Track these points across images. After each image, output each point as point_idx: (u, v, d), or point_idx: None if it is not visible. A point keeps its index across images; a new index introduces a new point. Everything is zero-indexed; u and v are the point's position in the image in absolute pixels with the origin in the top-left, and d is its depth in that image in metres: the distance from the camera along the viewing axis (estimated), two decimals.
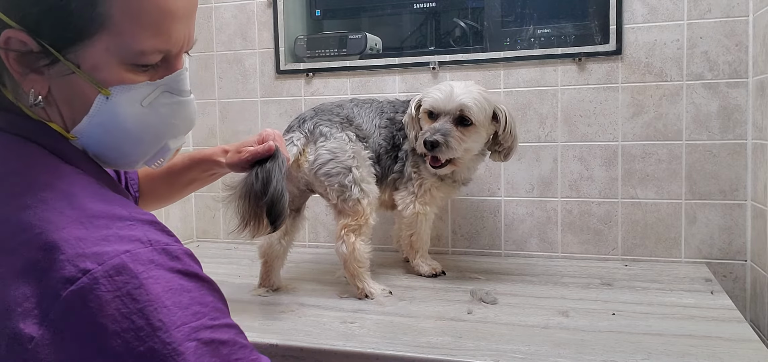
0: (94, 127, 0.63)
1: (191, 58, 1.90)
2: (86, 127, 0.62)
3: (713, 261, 1.42)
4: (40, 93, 0.60)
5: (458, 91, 1.19)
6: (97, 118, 0.62)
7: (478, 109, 1.19)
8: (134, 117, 0.63)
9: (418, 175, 1.29)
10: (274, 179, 0.93)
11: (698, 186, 1.42)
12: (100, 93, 0.61)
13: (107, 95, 0.61)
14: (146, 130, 0.65)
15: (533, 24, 1.52)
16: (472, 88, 1.21)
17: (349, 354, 0.92)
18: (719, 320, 1.02)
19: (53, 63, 0.59)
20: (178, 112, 0.67)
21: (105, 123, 0.62)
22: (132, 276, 0.51)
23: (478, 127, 1.20)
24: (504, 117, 1.22)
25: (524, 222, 1.54)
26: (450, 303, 1.14)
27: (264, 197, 0.91)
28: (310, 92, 1.68)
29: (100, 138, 0.64)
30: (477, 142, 1.23)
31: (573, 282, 1.28)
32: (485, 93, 1.22)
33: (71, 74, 0.59)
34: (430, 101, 1.22)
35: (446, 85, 1.22)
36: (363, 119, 1.27)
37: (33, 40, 0.57)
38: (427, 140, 1.18)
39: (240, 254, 1.64)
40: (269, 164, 0.93)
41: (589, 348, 0.90)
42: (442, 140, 1.17)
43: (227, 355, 0.53)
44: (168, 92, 0.65)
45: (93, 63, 0.59)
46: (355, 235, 1.16)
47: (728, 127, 1.39)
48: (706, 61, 1.39)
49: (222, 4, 1.74)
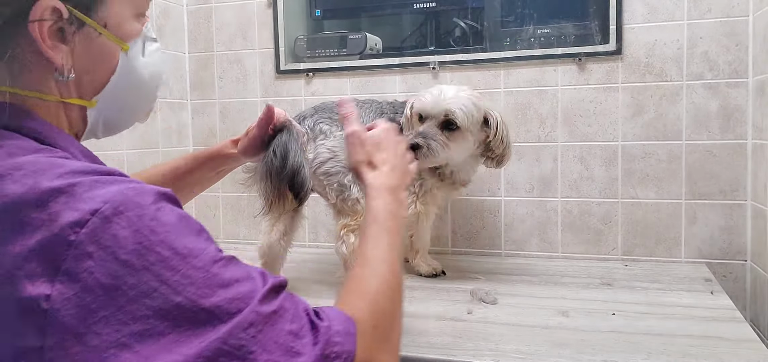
0: (117, 88, 0.63)
1: (191, 58, 1.91)
2: (111, 89, 0.63)
3: (713, 261, 1.42)
4: (68, 65, 0.58)
5: (446, 95, 1.17)
6: (120, 78, 0.63)
7: (464, 114, 1.16)
8: (143, 68, 0.65)
9: (418, 175, 1.29)
10: (291, 150, 0.93)
11: (698, 186, 1.42)
12: (121, 50, 0.62)
13: (127, 50, 0.62)
14: (151, 80, 0.67)
15: (533, 24, 1.52)
16: (462, 93, 1.18)
17: None
18: (719, 320, 1.02)
19: (80, 27, 0.58)
20: (163, 56, 0.70)
21: (125, 80, 0.63)
22: (143, 209, 0.49)
23: (464, 132, 1.18)
24: (495, 122, 1.19)
25: (524, 222, 1.54)
26: (450, 303, 1.14)
27: (284, 170, 0.92)
28: (310, 92, 1.68)
29: (119, 98, 0.64)
30: (463, 147, 1.20)
31: (573, 282, 1.28)
32: (476, 98, 1.19)
33: (98, 37, 0.59)
34: (419, 104, 1.20)
35: (437, 88, 1.20)
36: (363, 119, 1.27)
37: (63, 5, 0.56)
38: (409, 143, 1.16)
39: (240, 254, 1.62)
40: (284, 137, 0.94)
41: (589, 348, 0.90)
42: (423, 143, 1.15)
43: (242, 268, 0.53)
44: (149, 39, 0.67)
45: (115, 21, 0.60)
46: (355, 235, 1.16)
47: (728, 127, 1.39)
48: (706, 61, 1.39)
49: (222, 4, 1.74)
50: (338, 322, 0.55)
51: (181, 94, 1.77)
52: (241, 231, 1.79)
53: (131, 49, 0.63)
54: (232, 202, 1.79)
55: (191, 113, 1.80)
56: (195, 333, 0.47)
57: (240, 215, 1.79)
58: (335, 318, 0.56)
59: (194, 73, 1.79)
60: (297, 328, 0.52)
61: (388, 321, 0.62)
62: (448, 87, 1.21)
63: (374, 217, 0.73)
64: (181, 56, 1.78)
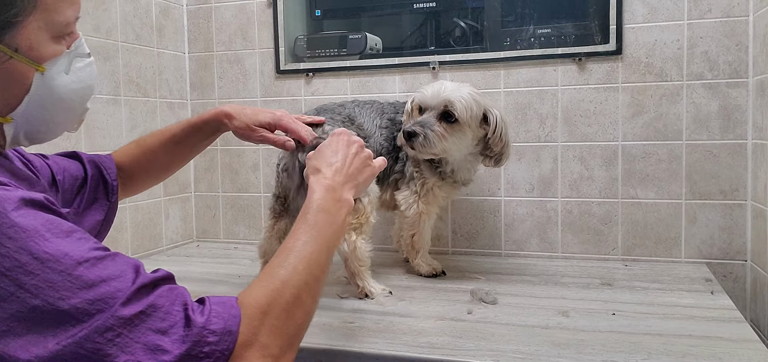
0: (33, 106, 0.65)
1: (191, 58, 1.91)
2: (25, 107, 0.64)
3: (713, 261, 1.42)
4: None
5: (447, 88, 1.19)
6: (35, 96, 0.64)
7: (464, 106, 1.17)
8: (64, 87, 0.67)
9: (420, 174, 1.29)
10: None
11: (698, 186, 1.42)
12: (37, 71, 0.63)
13: (43, 71, 0.64)
14: (74, 96, 0.69)
15: (533, 24, 1.52)
16: (463, 88, 1.20)
17: (349, 354, 0.92)
18: (719, 320, 1.02)
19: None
20: (92, 73, 0.72)
21: (42, 98, 0.65)
22: (1, 217, 0.51)
23: (463, 125, 1.18)
24: (494, 119, 1.20)
25: (524, 222, 1.54)
26: (450, 303, 1.14)
27: None
28: (310, 92, 1.68)
29: (36, 115, 0.66)
30: (461, 140, 1.21)
31: (573, 282, 1.28)
32: (477, 95, 1.21)
33: (7, 60, 0.61)
34: (420, 96, 1.22)
35: (439, 82, 1.22)
36: (364, 119, 1.27)
37: None
38: (406, 130, 1.18)
39: (240, 254, 1.64)
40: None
41: (589, 348, 0.90)
42: (421, 131, 1.16)
43: (115, 265, 0.55)
44: (78, 56, 0.69)
45: (29, 43, 0.62)
46: (356, 234, 1.16)
47: (728, 127, 1.39)
48: (706, 61, 1.39)
49: (222, 4, 1.74)
50: (219, 319, 0.57)
51: (181, 94, 1.77)
52: (241, 231, 1.79)
53: (50, 69, 0.65)
54: (232, 202, 1.79)
55: (191, 113, 1.80)
56: (53, 335, 0.50)
57: (240, 215, 1.79)
58: (218, 314, 0.57)
59: (194, 73, 1.79)
60: (167, 326, 0.54)
61: (286, 311, 0.64)
62: (450, 82, 1.22)
63: (304, 212, 0.77)
64: (181, 56, 1.78)
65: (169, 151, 1.06)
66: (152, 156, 1.05)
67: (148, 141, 1.06)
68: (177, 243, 1.76)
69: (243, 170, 1.77)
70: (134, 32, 1.58)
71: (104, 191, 0.97)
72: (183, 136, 1.06)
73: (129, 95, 1.56)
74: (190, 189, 1.83)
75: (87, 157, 0.97)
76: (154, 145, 1.05)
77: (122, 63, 1.54)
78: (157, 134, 1.06)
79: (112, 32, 1.51)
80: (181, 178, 1.78)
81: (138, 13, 1.59)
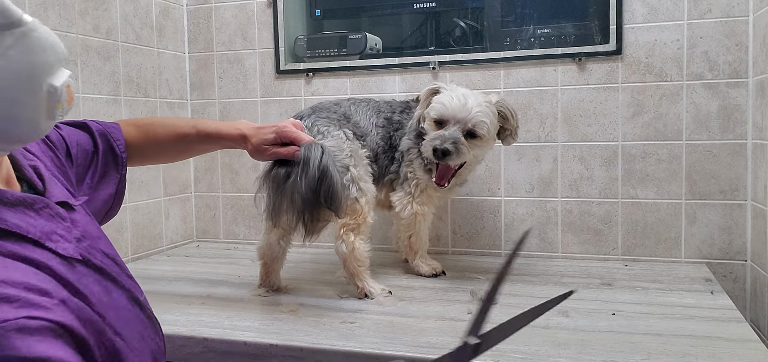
0: None
1: (191, 58, 1.91)
2: None
3: (713, 261, 1.42)
4: None
5: (471, 104, 1.17)
6: None
7: (488, 127, 1.18)
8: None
9: (413, 174, 1.29)
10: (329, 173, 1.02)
11: (698, 186, 1.42)
12: None
13: None
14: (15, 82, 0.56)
15: (533, 24, 1.52)
16: (482, 101, 1.19)
17: (349, 354, 0.92)
18: (719, 320, 1.02)
19: None
20: (31, 45, 0.57)
21: None
22: None
23: (487, 139, 1.21)
24: (509, 113, 1.22)
25: (524, 222, 1.54)
26: (450, 303, 1.14)
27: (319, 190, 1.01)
28: (310, 92, 1.68)
29: None
30: (484, 150, 1.25)
31: (573, 282, 1.28)
32: (491, 104, 1.21)
33: None
34: (440, 109, 1.19)
35: (458, 94, 1.19)
36: (360, 117, 1.27)
37: None
38: (438, 148, 1.16)
39: (240, 254, 1.64)
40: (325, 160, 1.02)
41: (589, 348, 0.90)
42: (453, 149, 1.16)
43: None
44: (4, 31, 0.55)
45: None
46: (354, 234, 1.16)
47: (728, 127, 1.39)
48: (706, 61, 1.39)
49: (222, 4, 1.74)
50: None
51: (181, 94, 1.77)
52: (241, 231, 1.79)
53: None
54: (232, 202, 1.79)
55: (191, 113, 1.80)
56: None
57: (240, 215, 1.79)
58: None
59: (194, 73, 1.79)
60: None
61: None
62: (470, 94, 1.20)
63: None
64: (181, 56, 1.78)
65: (177, 148, 1.07)
66: (159, 147, 1.05)
67: (157, 131, 1.04)
68: (177, 243, 1.76)
69: (243, 170, 1.77)
70: (134, 32, 1.58)
71: (114, 164, 0.96)
72: (196, 140, 1.05)
73: (129, 95, 1.56)
74: (190, 190, 1.83)
75: (97, 129, 0.94)
76: (162, 138, 1.04)
77: (122, 63, 1.54)
78: (165, 126, 1.05)
79: (112, 32, 1.51)
80: (181, 178, 1.78)
81: (138, 13, 1.59)
